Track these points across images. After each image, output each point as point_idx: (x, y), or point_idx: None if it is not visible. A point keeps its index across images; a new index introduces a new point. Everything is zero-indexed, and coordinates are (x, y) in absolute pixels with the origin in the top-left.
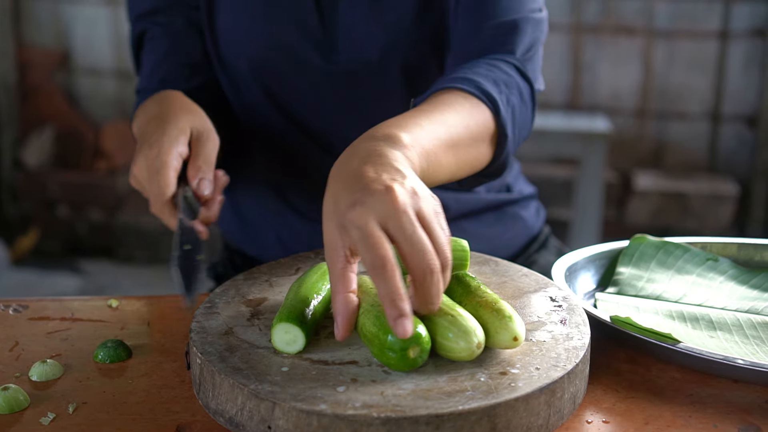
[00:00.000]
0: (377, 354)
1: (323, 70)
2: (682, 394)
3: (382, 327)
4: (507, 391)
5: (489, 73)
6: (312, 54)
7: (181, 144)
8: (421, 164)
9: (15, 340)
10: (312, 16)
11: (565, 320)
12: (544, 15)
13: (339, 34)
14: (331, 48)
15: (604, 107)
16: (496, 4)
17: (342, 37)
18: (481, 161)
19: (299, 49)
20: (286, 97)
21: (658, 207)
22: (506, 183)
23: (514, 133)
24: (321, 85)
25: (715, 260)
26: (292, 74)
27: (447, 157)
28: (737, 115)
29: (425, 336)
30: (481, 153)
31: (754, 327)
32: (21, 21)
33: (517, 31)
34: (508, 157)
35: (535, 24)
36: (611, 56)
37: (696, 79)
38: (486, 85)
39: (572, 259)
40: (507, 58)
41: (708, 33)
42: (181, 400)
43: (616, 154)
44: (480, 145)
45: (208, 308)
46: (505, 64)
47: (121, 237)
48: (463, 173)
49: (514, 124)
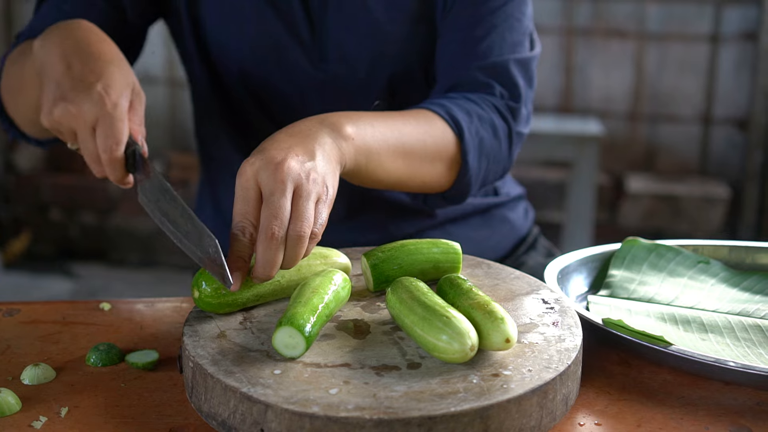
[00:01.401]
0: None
1: (311, 77)
2: (674, 397)
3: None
4: (499, 393)
5: (464, 104)
6: (300, 60)
7: (129, 98)
8: (358, 159)
9: (6, 343)
10: (302, 23)
11: (557, 322)
12: (533, 54)
13: (328, 42)
14: (320, 55)
15: (596, 110)
16: (483, 44)
17: (331, 44)
18: (437, 180)
19: (288, 55)
20: (272, 100)
21: (650, 210)
22: (493, 186)
23: (479, 164)
24: (308, 91)
25: (706, 263)
26: (279, 79)
27: (394, 163)
28: (728, 118)
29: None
30: (438, 172)
31: (746, 329)
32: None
33: (501, 73)
34: (469, 185)
35: (522, 66)
36: (603, 59)
37: (687, 82)
38: (456, 111)
39: (564, 261)
40: (488, 97)
41: (699, 36)
42: (173, 404)
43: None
44: (436, 164)
45: (200, 312)
46: (485, 102)
47: (113, 240)
48: (413, 185)
49: (480, 154)
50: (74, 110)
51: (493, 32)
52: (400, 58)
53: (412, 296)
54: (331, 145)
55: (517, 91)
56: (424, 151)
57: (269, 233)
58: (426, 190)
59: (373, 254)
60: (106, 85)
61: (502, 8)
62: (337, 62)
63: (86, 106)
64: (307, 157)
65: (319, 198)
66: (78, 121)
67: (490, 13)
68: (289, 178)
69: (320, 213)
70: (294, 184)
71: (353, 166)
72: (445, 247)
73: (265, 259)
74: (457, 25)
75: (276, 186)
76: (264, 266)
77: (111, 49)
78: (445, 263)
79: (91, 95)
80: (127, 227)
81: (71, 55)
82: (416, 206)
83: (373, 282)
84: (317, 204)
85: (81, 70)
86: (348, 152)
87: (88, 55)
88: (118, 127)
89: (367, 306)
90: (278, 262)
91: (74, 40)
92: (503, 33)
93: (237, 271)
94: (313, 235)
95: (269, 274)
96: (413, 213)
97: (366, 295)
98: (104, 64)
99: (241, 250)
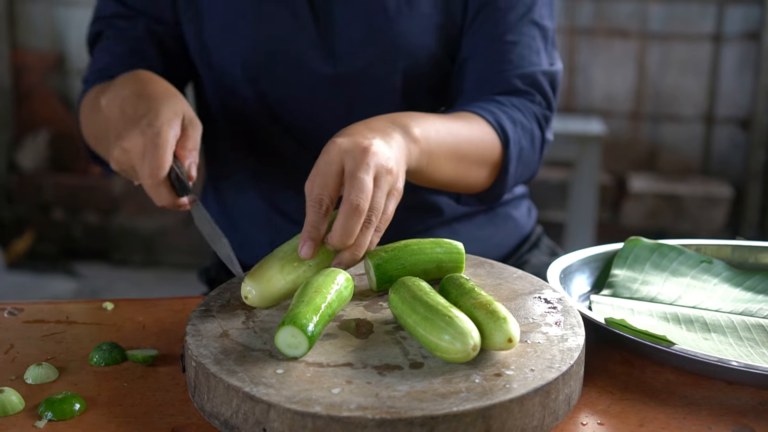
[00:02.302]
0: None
1: (320, 73)
2: (676, 396)
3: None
4: (502, 393)
5: (510, 111)
6: (308, 57)
7: (177, 126)
8: (420, 161)
9: (10, 343)
10: (307, 19)
11: (559, 322)
12: (557, 68)
13: (335, 38)
14: (328, 51)
15: (598, 110)
16: (516, 53)
17: (338, 40)
18: (478, 183)
19: (294, 52)
20: (279, 100)
21: (652, 209)
22: None
23: (516, 171)
24: (317, 88)
25: (709, 262)
26: (286, 77)
27: (448, 166)
28: (731, 117)
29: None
30: (480, 176)
31: (749, 329)
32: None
33: (537, 83)
34: (504, 189)
35: (550, 77)
36: (605, 59)
37: (689, 81)
38: (504, 120)
39: (567, 261)
40: (530, 105)
41: (701, 36)
42: (176, 403)
43: (611, 157)
44: (481, 169)
45: (203, 311)
46: (528, 110)
47: (116, 240)
48: (458, 186)
49: (518, 162)
50: (127, 145)
51: (522, 40)
52: (411, 53)
53: (414, 296)
54: (403, 146)
55: (549, 100)
56: (475, 156)
57: (354, 204)
58: (467, 191)
59: (376, 254)
60: (150, 118)
61: (528, 15)
62: (346, 57)
63: (134, 140)
64: (388, 152)
65: (390, 192)
66: (131, 155)
67: (518, 20)
68: (373, 162)
69: (388, 206)
70: (375, 171)
71: (416, 167)
72: (448, 247)
73: (346, 228)
74: (487, 32)
75: (362, 165)
76: (342, 235)
77: (159, 87)
78: (449, 263)
79: (137, 129)
80: (130, 227)
81: (126, 103)
82: (422, 203)
83: (376, 282)
84: (387, 197)
85: (133, 112)
86: (414, 154)
87: (139, 97)
88: (158, 154)
89: (369, 305)
90: (356, 233)
91: (129, 89)
92: (529, 42)
93: (311, 240)
94: (378, 228)
95: (346, 242)
96: (423, 210)
97: (368, 295)
98: (151, 101)
99: (316, 221)
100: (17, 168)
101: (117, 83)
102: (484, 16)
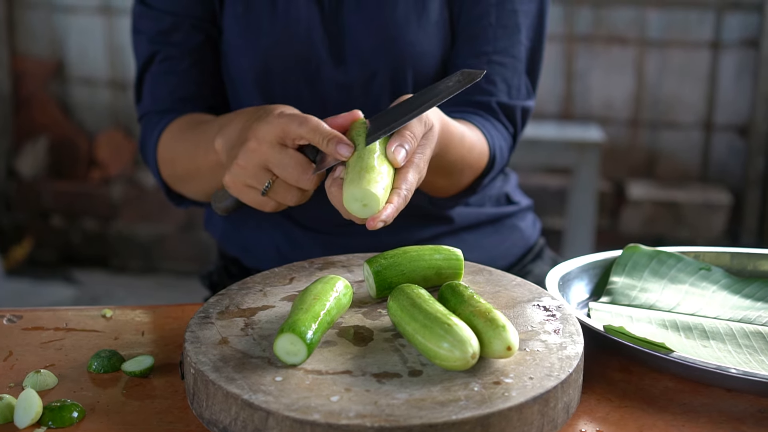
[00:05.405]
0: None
1: (331, 81)
2: (675, 404)
3: None
4: (500, 401)
5: (501, 130)
6: (319, 64)
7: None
8: (435, 150)
9: (9, 350)
10: (318, 27)
11: (558, 330)
12: (531, 105)
13: (345, 45)
14: (339, 59)
15: (597, 117)
16: (501, 77)
17: (349, 48)
18: (459, 187)
19: (305, 60)
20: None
21: (651, 216)
22: (505, 193)
23: (490, 180)
24: (328, 95)
25: (708, 269)
26: (297, 84)
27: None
28: (729, 124)
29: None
30: (464, 181)
31: (747, 336)
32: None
33: (514, 118)
34: (474, 195)
35: (524, 114)
36: (604, 66)
37: (688, 88)
38: (497, 141)
39: (566, 268)
40: (505, 132)
41: (700, 43)
42: (175, 410)
43: (609, 164)
44: (467, 175)
45: (202, 318)
46: (507, 129)
47: (115, 246)
48: (447, 185)
49: (496, 174)
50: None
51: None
52: (421, 61)
53: (413, 303)
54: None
55: (516, 135)
56: (470, 164)
57: (407, 133)
58: (446, 193)
59: (375, 261)
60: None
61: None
62: (357, 65)
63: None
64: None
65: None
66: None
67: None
68: (422, 121)
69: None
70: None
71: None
72: (447, 254)
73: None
74: (477, 47)
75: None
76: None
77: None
78: (448, 269)
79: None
80: (129, 234)
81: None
82: (434, 212)
83: (375, 289)
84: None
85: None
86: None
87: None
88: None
89: (368, 313)
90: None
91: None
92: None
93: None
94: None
95: (398, 160)
96: (431, 219)
97: (367, 302)
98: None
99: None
100: (16, 175)
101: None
102: (476, 30)
